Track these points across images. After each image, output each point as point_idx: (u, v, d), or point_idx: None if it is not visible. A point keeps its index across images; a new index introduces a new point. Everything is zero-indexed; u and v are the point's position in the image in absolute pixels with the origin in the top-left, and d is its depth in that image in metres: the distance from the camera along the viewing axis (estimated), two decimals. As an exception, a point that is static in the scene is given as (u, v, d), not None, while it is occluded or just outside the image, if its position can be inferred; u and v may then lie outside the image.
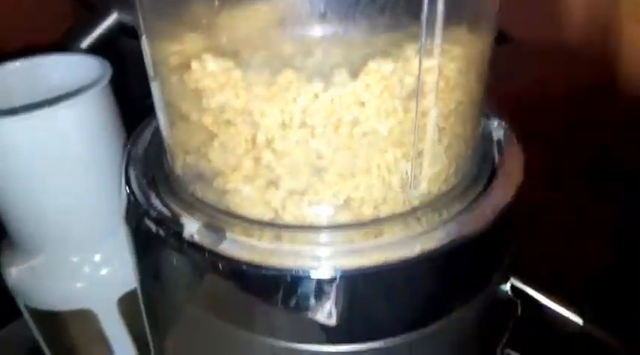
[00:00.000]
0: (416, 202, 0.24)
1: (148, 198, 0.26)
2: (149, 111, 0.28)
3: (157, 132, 0.30)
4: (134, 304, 0.40)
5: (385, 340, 0.23)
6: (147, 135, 0.30)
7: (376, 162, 0.22)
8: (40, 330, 0.45)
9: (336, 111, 0.21)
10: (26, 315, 0.44)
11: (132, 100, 0.39)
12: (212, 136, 0.23)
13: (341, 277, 0.22)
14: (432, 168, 0.23)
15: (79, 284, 0.40)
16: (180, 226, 0.24)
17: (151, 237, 0.25)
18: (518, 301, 0.32)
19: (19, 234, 0.39)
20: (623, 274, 0.37)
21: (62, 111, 0.34)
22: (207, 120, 0.22)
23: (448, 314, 0.24)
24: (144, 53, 0.25)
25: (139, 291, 0.31)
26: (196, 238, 0.23)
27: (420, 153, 0.23)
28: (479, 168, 0.27)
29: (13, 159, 0.35)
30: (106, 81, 0.36)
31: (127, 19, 0.48)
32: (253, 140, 0.22)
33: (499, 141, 0.29)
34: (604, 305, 0.32)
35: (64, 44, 0.48)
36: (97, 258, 0.40)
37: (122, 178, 0.27)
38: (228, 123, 0.22)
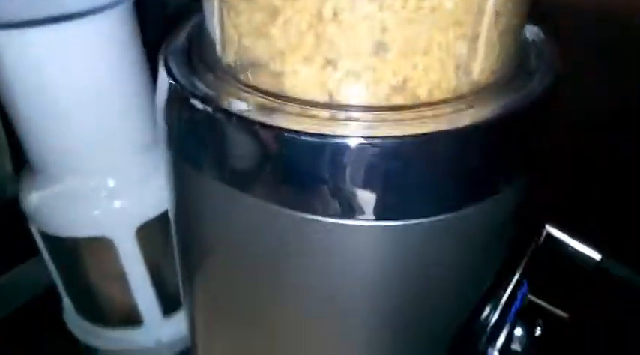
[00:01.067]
0: (466, 89, 0.24)
1: (192, 83, 0.26)
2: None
3: (192, 33, 0.30)
4: (154, 234, 0.40)
5: (423, 219, 0.24)
6: (181, 37, 0.30)
7: (437, 42, 0.22)
8: (55, 265, 0.44)
9: None
10: (42, 249, 0.43)
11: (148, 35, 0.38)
12: (275, 13, 0.23)
13: (391, 143, 0.22)
14: (484, 55, 0.24)
15: (96, 212, 0.40)
16: (229, 103, 0.24)
17: (196, 119, 0.25)
18: (542, 229, 0.32)
19: (40, 156, 0.39)
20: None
21: (88, 26, 0.34)
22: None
23: (484, 197, 0.25)
24: None
25: (168, 188, 0.31)
26: (245, 114, 0.23)
27: (476, 37, 0.23)
28: (521, 64, 0.27)
29: (35, 74, 0.34)
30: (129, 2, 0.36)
31: None
32: (319, 13, 0.22)
33: (536, 48, 0.29)
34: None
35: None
36: (113, 184, 0.40)
37: (161, 66, 0.27)
38: None
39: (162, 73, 0.27)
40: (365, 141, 0.22)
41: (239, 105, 0.24)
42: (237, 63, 0.26)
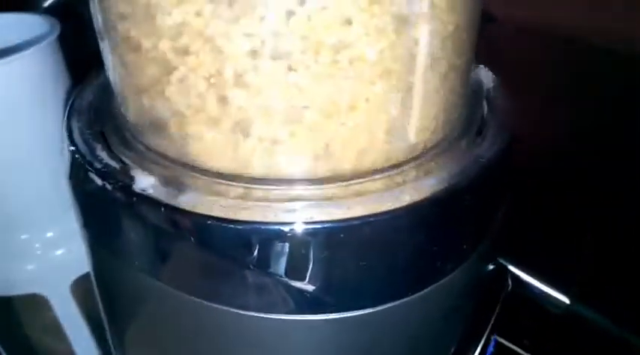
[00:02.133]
0: (401, 156, 0.21)
1: (92, 151, 0.22)
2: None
3: (105, 81, 0.26)
4: (90, 288, 0.37)
5: (367, 310, 0.20)
6: (93, 88, 0.27)
7: (364, 96, 0.19)
8: None
9: (316, 32, 0.17)
10: None
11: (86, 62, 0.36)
12: (170, 69, 0.19)
13: (320, 230, 0.19)
14: (421, 111, 0.20)
15: (29, 266, 0.38)
16: (131, 179, 0.20)
17: (97, 195, 0.21)
18: (508, 275, 0.31)
19: None
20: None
21: (5, 68, 0.32)
22: (164, 46, 0.19)
23: (432, 282, 0.22)
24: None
25: (90, 266, 0.28)
26: (150, 192, 0.20)
27: (410, 88, 0.19)
28: (468, 124, 0.24)
29: None
30: (52, 38, 0.34)
31: None
32: (219, 73, 0.18)
33: (488, 92, 0.26)
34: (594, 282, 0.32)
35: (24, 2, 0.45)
36: (50, 235, 0.38)
37: (63, 131, 0.24)
38: (188, 51, 0.18)
39: (64, 136, 0.24)
40: (284, 229, 0.19)
41: (143, 182, 0.20)
42: (138, 124, 0.22)
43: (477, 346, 0.28)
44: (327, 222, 0.19)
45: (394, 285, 0.21)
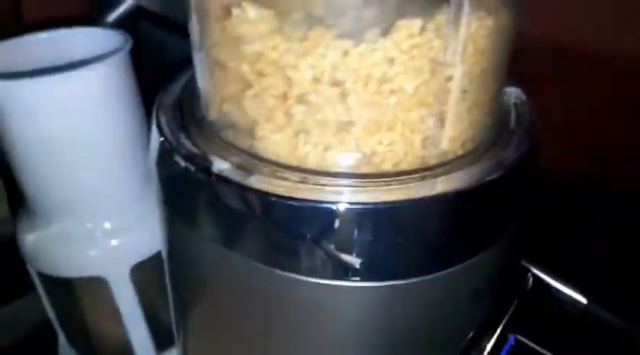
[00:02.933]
0: (434, 161, 0.25)
1: (178, 139, 0.27)
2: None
3: (187, 86, 0.31)
4: (147, 274, 0.41)
5: (397, 281, 0.24)
6: (175, 89, 0.31)
7: (401, 120, 0.24)
8: (51, 301, 0.45)
9: (365, 67, 0.22)
10: (39, 286, 0.44)
11: (145, 80, 0.40)
12: (247, 85, 0.24)
13: (362, 210, 0.23)
14: (452, 129, 0.25)
15: (91, 252, 0.41)
16: (210, 162, 0.25)
17: (181, 176, 0.26)
18: (529, 275, 0.33)
19: (37, 200, 0.40)
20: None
21: (84, 76, 0.35)
22: (244, 68, 0.24)
23: (454, 264, 0.25)
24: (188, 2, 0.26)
25: (163, 243, 0.32)
26: (225, 173, 0.25)
27: (442, 115, 0.24)
28: (497, 135, 0.28)
29: (34, 123, 0.36)
30: (126, 50, 0.37)
31: (145, 3, 0.51)
32: (285, 94, 0.23)
33: (516, 111, 0.30)
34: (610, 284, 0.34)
35: (90, 18, 0.49)
36: (109, 225, 0.41)
37: (153, 122, 0.29)
38: (262, 74, 0.23)
39: (153, 128, 0.29)
40: (334, 207, 0.23)
41: (220, 165, 0.25)
42: (218, 123, 0.27)
43: (490, 339, 0.30)
44: (368, 203, 0.23)
45: (422, 262, 0.25)
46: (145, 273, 0.41)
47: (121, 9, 0.50)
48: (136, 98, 0.40)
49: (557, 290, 0.33)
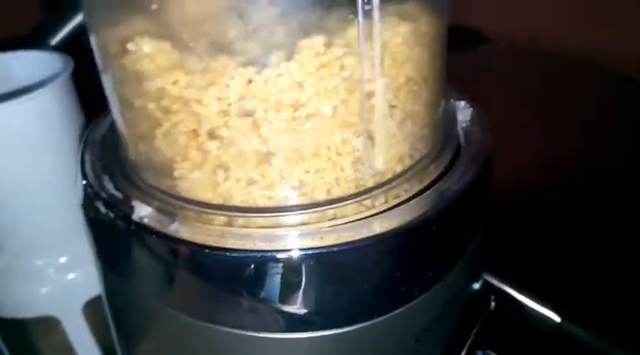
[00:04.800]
0: (370, 183, 0.23)
1: (100, 182, 0.25)
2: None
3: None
4: (101, 310, 0.39)
5: (346, 327, 0.23)
6: (107, 122, 0.30)
7: (325, 145, 0.22)
8: (4, 341, 0.43)
9: (273, 94, 0.20)
10: None
11: (97, 99, 0.38)
12: (157, 123, 0.22)
13: (303, 257, 0.21)
14: (384, 147, 0.23)
15: (43, 290, 0.39)
16: (131, 208, 0.23)
17: (104, 223, 0.25)
18: (492, 296, 0.32)
19: None
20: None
21: (21, 106, 0.33)
22: (150, 106, 0.22)
23: (407, 302, 0.24)
24: (91, 42, 0.24)
25: (101, 289, 0.30)
26: (146, 220, 0.23)
27: (370, 134, 0.22)
28: (440, 149, 0.26)
29: None
30: (66, 75, 0.35)
31: None
32: (195, 131, 0.22)
33: (465, 122, 0.28)
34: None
35: (32, 41, 0.47)
36: (63, 260, 0.39)
37: (78, 162, 0.27)
38: (169, 111, 0.22)
39: (77, 168, 0.27)
40: (261, 256, 0.21)
41: (141, 211, 0.23)
42: (137, 163, 0.25)
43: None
44: (307, 249, 0.21)
45: (363, 307, 0.23)
46: (98, 309, 0.40)
47: (66, 29, 0.47)
48: (79, 125, 0.38)
49: (529, 307, 0.32)
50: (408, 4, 0.22)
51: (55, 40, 0.47)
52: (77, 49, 0.41)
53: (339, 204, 0.23)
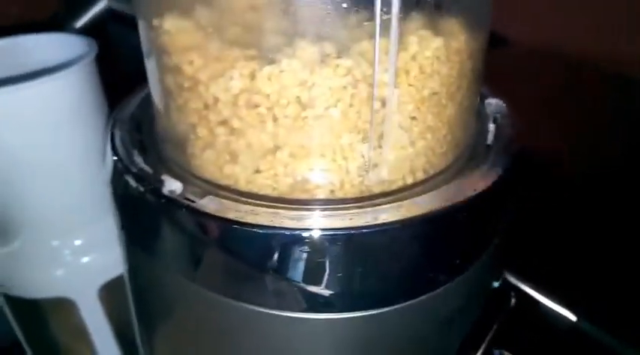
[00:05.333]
0: (376, 190, 0.23)
1: (130, 156, 0.26)
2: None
3: (146, 98, 0.29)
4: (116, 293, 0.39)
5: (367, 311, 0.23)
6: (135, 101, 0.30)
7: (331, 147, 0.22)
8: (18, 322, 0.44)
9: (281, 91, 0.21)
10: (4, 306, 0.43)
11: (118, 83, 0.38)
12: (173, 98, 0.23)
13: (329, 237, 0.21)
14: (393, 157, 0.23)
15: (58, 271, 0.39)
16: (161, 182, 0.24)
17: (134, 198, 0.25)
18: (512, 293, 0.31)
19: None
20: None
21: (46, 86, 0.34)
22: (168, 80, 0.23)
23: (424, 292, 0.23)
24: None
25: (124, 267, 0.30)
26: (176, 195, 0.23)
27: (379, 139, 0.22)
28: (461, 166, 0.26)
29: None
30: (90, 58, 0.35)
31: (117, 5, 0.48)
32: (205, 113, 0.22)
33: (495, 120, 0.28)
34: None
35: (56, 24, 0.47)
36: (79, 243, 0.39)
37: (107, 137, 0.27)
38: (182, 88, 0.22)
39: (107, 145, 0.27)
40: (289, 234, 0.21)
41: (171, 185, 0.23)
42: (162, 138, 0.26)
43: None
44: (336, 229, 0.21)
45: (396, 290, 0.23)
46: (113, 293, 0.40)
47: (91, 13, 0.48)
48: (102, 108, 0.38)
49: (546, 306, 0.32)
50: (445, 20, 0.22)
51: (79, 24, 0.48)
52: (102, 34, 0.41)
53: (341, 206, 0.22)
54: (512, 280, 0.33)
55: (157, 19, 0.22)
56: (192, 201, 0.23)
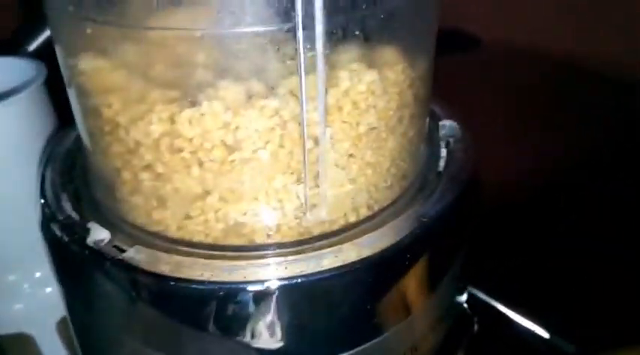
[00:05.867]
0: (316, 231, 0.22)
1: (59, 201, 0.24)
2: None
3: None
4: None
5: None
6: (73, 134, 0.28)
7: (263, 190, 0.20)
8: None
9: (204, 135, 0.19)
10: None
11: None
12: (95, 140, 0.22)
13: (271, 288, 0.20)
14: (332, 197, 0.21)
15: (17, 306, 0.37)
16: (86, 231, 0.22)
17: (61, 246, 0.23)
18: (475, 318, 0.30)
19: None
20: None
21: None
22: (89, 121, 0.21)
23: (379, 335, 0.22)
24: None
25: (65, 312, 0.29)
26: (102, 245, 0.22)
27: (315, 179, 0.20)
28: (410, 198, 0.24)
29: None
30: (39, 83, 0.34)
31: None
32: (128, 158, 0.21)
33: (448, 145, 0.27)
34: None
35: (7, 47, 0.46)
36: (39, 275, 0.37)
37: (38, 179, 0.26)
38: (103, 131, 0.21)
39: (37, 186, 0.26)
40: (227, 288, 0.20)
41: (98, 234, 0.22)
42: (93, 178, 0.24)
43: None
44: (268, 280, 0.20)
45: (330, 342, 0.22)
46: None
47: (43, 36, 0.45)
48: (53, 129, 0.35)
49: (518, 323, 0.31)
50: (379, 50, 0.21)
51: (32, 47, 0.46)
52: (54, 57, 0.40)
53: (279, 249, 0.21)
54: (485, 298, 0.33)
55: (72, 58, 0.21)
56: (122, 251, 0.21)
